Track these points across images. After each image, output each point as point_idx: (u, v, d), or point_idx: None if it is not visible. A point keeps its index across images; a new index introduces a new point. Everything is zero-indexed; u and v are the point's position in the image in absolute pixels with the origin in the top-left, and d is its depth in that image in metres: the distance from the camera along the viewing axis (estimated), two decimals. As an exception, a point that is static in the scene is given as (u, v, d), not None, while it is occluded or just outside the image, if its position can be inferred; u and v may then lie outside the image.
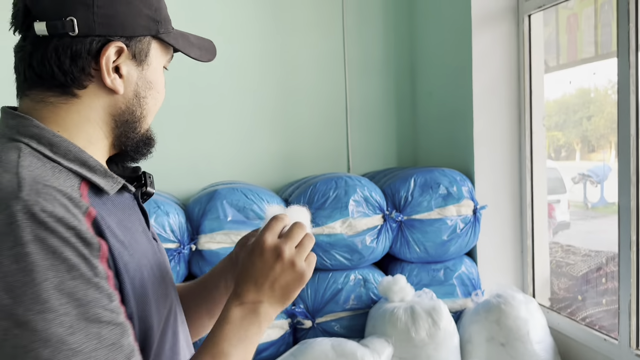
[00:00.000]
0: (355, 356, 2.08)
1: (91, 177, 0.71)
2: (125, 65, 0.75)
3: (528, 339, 2.26)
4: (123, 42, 0.73)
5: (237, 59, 2.95)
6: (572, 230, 8.41)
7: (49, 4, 0.69)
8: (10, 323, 0.55)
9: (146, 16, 0.75)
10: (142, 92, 0.79)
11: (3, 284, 0.56)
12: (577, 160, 14.87)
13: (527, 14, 2.59)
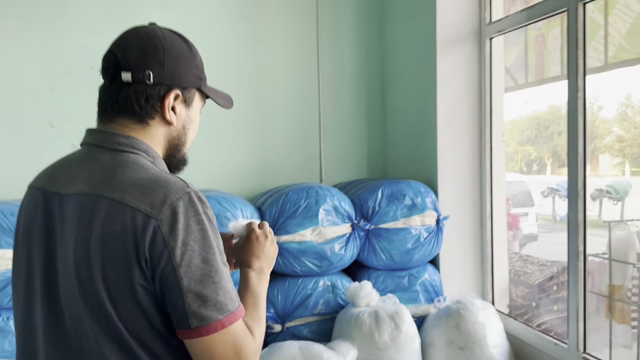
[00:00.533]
0: (322, 358, 2.19)
1: (196, 190, 1.00)
2: (179, 106, 1.07)
3: (485, 343, 2.40)
4: (180, 91, 1.05)
5: (213, 70, 3.04)
6: (539, 242, 8.69)
7: (134, 61, 1.01)
8: (199, 259, 0.89)
9: (194, 74, 1.09)
10: (187, 125, 1.11)
11: (193, 237, 0.89)
12: (548, 175, 15.24)
13: (489, 38, 2.76)
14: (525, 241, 7.98)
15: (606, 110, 12.33)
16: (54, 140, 2.82)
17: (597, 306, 4.27)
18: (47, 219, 0.98)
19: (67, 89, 2.83)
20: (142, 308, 0.88)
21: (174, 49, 1.06)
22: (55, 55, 2.81)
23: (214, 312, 0.88)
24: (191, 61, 1.09)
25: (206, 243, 0.90)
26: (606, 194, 9.31)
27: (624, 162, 12.66)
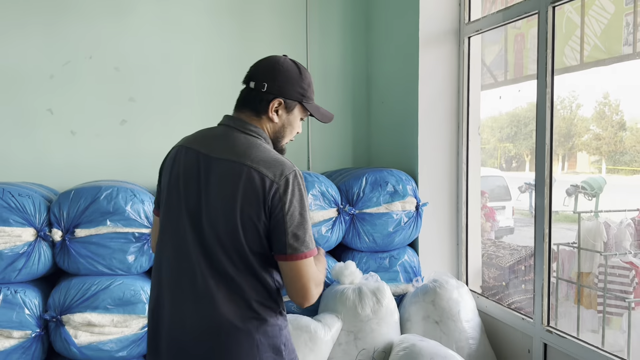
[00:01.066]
0: (309, 329, 2.38)
1: (298, 171, 1.44)
2: (280, 110, 1.50)
3: (459, 317, 2.61)
4: (283, 100, 1.48)
5: (205, 61, 3.21)
6: (515, 235, 8.98)
7: (259, 76, 1.49)
8: (298, 212, 1.35)
9: (298, 92, 1.50)
10: (286, 125, 1.52)
11: (296, 198, 1.35)
12: (527, 171, 15.52)
13: (467, 37, 2.96)
14: (502, 233, 8.25)
15: (584, 109, 12.65)
16: (54, 127, 2.96)
17: (567, 292, 4.51)
18: (200, 171, 1.43)
19: (66, 78, 2.96)
20: (259, 234, 1.37)
21: (287, 72, 1.49)
22: (55, 44, 2.94)
23: (302, 247, 1.36)
24: (298, 82, 1.50)
25: (302, 204, 1.37)
26: (581, 190, 9.63)
27: (600, 159, 12.99)
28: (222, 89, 3.25)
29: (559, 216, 7.73)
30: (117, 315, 2.35)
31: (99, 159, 3.02)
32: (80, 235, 2.36)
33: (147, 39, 3.09)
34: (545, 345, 2.42)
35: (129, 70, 3.06)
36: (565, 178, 11.04)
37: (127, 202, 2.41)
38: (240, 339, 1.37)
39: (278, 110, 1.48)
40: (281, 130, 1.51)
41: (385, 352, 2.49)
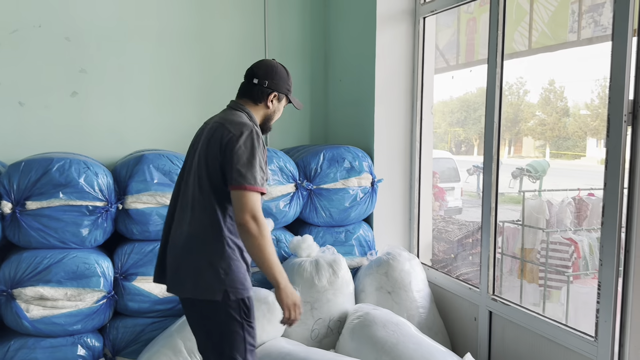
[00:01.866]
0: (267, 300, 2.42)
1: (259, 131, 1.88)
2: (275, 100, 2.00)
3: (410, 288, 2.72)
4: (277, 93, 1.98)
5: (161, 33, 3.14)
6: (463, 215, 9.29)
7: (261, 74, 1.97)
8: (246, 159, 1.76)
9: (285, 88, 2.02)
10: (275, 111, 2.03)
11: (245, 145, 1.77)
12: (475, 155, 15.91)
13: (423, 17, 3.04)
14: (450, 213, 8.52)
15: (531, 95, 13.10)
16: (0, 97, 2.84)
17: (511, 267, 4.75)
18: (201, 135, 1.91)
19: (14, 47, 2.85)
20: (218, 169, 1.79)
21: (280, 73, 2.01)
22: (2, 12, 2.81)
23: (244, 181, 1.73)
24: (286, 81, 2.03)
25: (252, 151, 1.77)
26: (526, 173, 10.05)
27: (545, 144, 13.52)
28: (176, 60, 3.21)
29: (505, 197, 8.05)
30: (71, 289, 2.32)
31: (49, 131, 2.93)
32: (31, 207, 2.31)
33: (100, 8, 3.00)
34: (491, 313, 2.56)
35: (80, 41, 2.97)
36: (511, 162, 11.46)
37: (80, 175, 2.36)
38: (198, 242, 1.82)
39: (273, 101, 2.00)
40: (272, 115, 2.03)
41: (340, 321, 2.57)
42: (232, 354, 1.80)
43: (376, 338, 2.33)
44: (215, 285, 1.77)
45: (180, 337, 2.29)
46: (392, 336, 2.31)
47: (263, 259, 1.74)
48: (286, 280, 1.79)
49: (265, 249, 1.73)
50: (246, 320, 1.81)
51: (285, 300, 1.78)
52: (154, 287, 2.50)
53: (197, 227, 1.82)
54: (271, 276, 1.77)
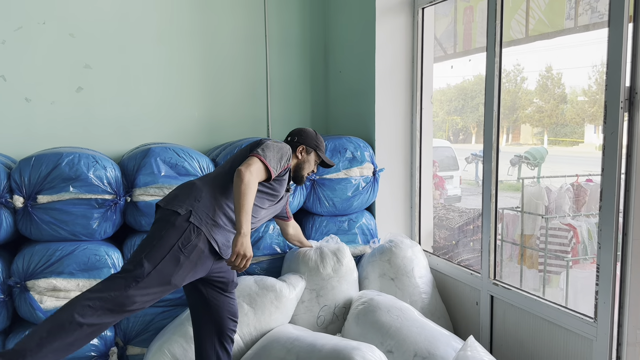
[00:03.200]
0: (275, 288, 2.49)
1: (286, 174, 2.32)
2: (304, 152, 2.38)
3: (412, 274, 2.79)
4: (304, 146, 2.38)
5: (164, 31, 3.18)
6: (462, 203, 9.37)
7: (293, 134, 2.41)
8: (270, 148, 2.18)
9: (314, 144, 2.39)
10: (305, 161, 2.38)
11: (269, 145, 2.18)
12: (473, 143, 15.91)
13: (421, 7, 3.07)
14: (450, 202, 8.59)
15: (528, 82, 13.10)
16: (7, 94, 2.89)
17: (511, 254, 4.82)
18: None
19: (19, 44, 2.89)
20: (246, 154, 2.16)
21: (309, 132, 2.40)
22: (5, 9, 2.84)
23: (261, 153, 2.10)
24: (313, 138, 2.39)
25: (272, 149, 2.14)
26: (524, 160, 10.10)
27: (542, 131, 13.54)
28: (179, 56, 3.25)
29: (503, 185, 8.11)
30: (83, 280, 2.38)
31: (56, 126, 2.98)
32: (42, 201, 2.36)
33: (103, 5, 3.03)
34: (492, 297, 2.63)
35: (84, 37, 3.01)
36: (510, 149, 11.50)
37: (89, 169, 2.42)
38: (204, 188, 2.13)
39: (302, 152, 2.36)
40: (302, 164, 2.37)
41: (345, 307, 2.63)
42: (143, 254, 1.90)
43: (381, 323, 2.39)
44: (187, 204, 2.01)
45: (191, 324, 2.35)
46: (396, 321, 2.37)
47: (239, 203, 1.94)
48: (248, 231, 1.94)
49: (245, 195, 1.94)
50: (181, 246, 1.93)
51: (238, 247, 1.91)
52: (163, 277, 2.55)
53: (211, 183, 2.13)
54: (238, 221, 1.94)
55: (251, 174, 1.99)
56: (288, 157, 2.23)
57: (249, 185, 1.96)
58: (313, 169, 2.41)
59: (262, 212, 2.26)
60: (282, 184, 2.27)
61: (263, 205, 2.23)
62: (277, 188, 2.25)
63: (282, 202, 2.40)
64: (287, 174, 2.29)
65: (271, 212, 2.35)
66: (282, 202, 2.40)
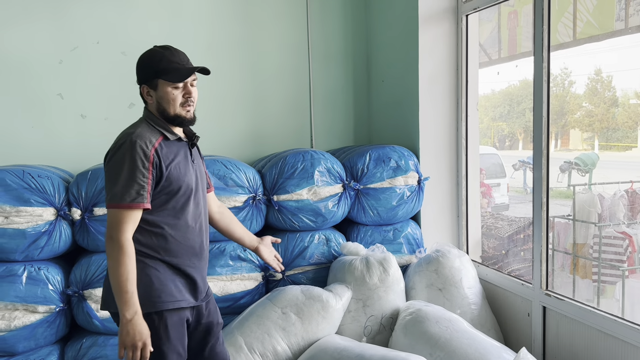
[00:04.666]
0: (321, 298, 2.50)
1: (136, 139, 1.73)
2: (151, 92, 1.82)
3: (461, 284, 2.74)
4: (146, 86, 1.82)
5: (209, 43, 3.28)
6: (510, 212, 9.14)
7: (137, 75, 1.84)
8: (114, 173, 1.69)
9: (152, 70, 1.79)
10: (162, 99, 1.81)
11: (117, 160, 1.71)
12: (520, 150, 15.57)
13: (465, 15, 3.05)
14: (497, 210, 8.40)
15: (577, 86, 12.69)
16: (64, 111, 3.04)
17: (563, 263, 4.66)
18: None
19: (75, 63, 3.03)
20: None
21: (143, 61, 1.84)
22: (63, 30, 3.00)
23: (107, 197, 1.69)
24: (148, 64, 1.81)
25: (120, 164, 1.68)
26: (575, 166, 9.77)
27: (593, 136, 13.08)
28: (226, 70, 3.33)
29: (553, 192, 7.86)
30: (137, 289, 2.46)
31: (109, 141, 3.07)
32: (98, 213, 2.46)
33: (151, 23, 3.15)
34: (544, 308, 2.55)
35: (135, 55, 3.08)
36: (559, 155, 11.16)
37: (142, 181, 2.50)
38: None
39: (148, 94, 1.83)
40: (159, 106, 1.82)
41: (392, 317, 2.62)
42: None
43: (429, 334, 2.36)
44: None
45: (240, 333, 2.39)
46: (446, 332, 2.34)
47: (114, 281, 1.61)
48: (133, 314, 1.60)
49: (117, 269, 1.60)
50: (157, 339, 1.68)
51: (123, 338, 1.59)
52: (213, 286, 2.61)
53: None
54: (118, 305, 1.61)
55: (113, 241, 1.63)
56: (141, 157, 1.67)
57: (119, 253, 1.61)
58: (186, 100, 1.81)
59: (194, 208, 1.83)
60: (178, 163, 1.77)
61: (185, 208, 1.79)
62: (175, 177, 1.75)
63: (197, 163, 1.91)
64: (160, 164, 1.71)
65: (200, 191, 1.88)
66: (197, 163, 1.91)
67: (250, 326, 2.43)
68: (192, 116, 1.86)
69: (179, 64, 1.81)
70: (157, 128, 1.80)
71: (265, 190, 2.79)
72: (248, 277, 2.71)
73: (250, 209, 2.71)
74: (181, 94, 1.81)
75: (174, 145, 1.82)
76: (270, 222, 2.85)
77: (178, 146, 1.84)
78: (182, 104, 1.81)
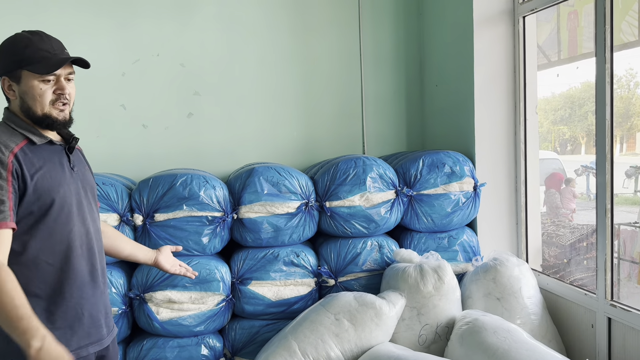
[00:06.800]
0: (375, 305, 2.48)
1: (29, 136, 1.50)
2: (13, 86, 1.51)
3: (520, 294, 2.65)
4: (7, 77, 1.51)
5: (263, 54, 3.35)
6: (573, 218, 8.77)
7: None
8: None
9: (16, 59, 1.48)
10: (25, 95, 1.50)
11: None
12: (583, 154, 15.03)
13: (522, 16, 2.96)
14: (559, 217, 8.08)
15: (643, 87, 12.02)
16: (127, 121, 3.18)
17: (629, 273, 4.43)
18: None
19: (137, 75, 3.17)
20: None
21: (3, 49, 1.52)
22: (125, 44, 3.14)
23: None
24: (10, 53, 1.49)
25: None
26: (642, 171, 9.25)
27: (662, 140, 12.35)
28: (279, 79, 3.39)
29: (618, 199, 7.47)
30: (195, 293, 2.53)
31: (169, 149, 3.22)
32: (159, 219, 2.56)
33: (208, 36, 3.26)
34: (609, 319, 2.43)
35: (193, 66, 3.24)
36: (624, 160, 10.60)
37: (200, 188, 2.58)
38: None
39: (10, 88, 1.51)
40: (23, 103, 1.50)
41: (448, 327, 2.56)
42: None
43: (487, 344, 2.30)
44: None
45: (294, 338, 2.42)
46: (504, 342, 2.27)
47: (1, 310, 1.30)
48: (42, 340, 1.28)
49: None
50: None
51: None
52: (267, 291, 2.66)
53: None
54: (17, 339, 1.29)
55: None
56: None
57: None
58: (58, 96, 1.50)
59: (78, 226, 1.54)
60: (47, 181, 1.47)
61: (65, 226, 1.50)
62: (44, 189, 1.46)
63: (79, 171, 1.62)
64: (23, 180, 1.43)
65: (86, 204, 1.58)
66: (79, 171, 1.62)
67: (304, 331, 2.44)
68: (66, 117, 1.54)
69: (49, 52, 1.48)
70: (19, 131, 1.49)
71: (318, 197, 2.81)
72: (301, 283, 2.73)
73: (303, 215, 2.74)
74: (51, 89, 1.49)
75: (44, 151, 1.51)
76: (323, 229, 2.86)
77: (49, 151, 1.53)
78: (53, 102, 1.50)
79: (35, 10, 2.97)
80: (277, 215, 2.68)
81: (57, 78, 1.50)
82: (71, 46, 1.64)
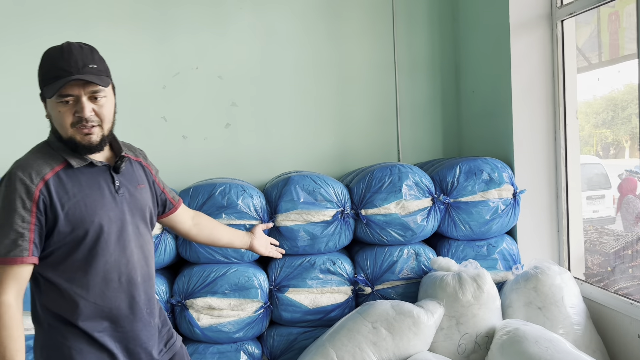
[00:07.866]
0: (412, 313, 2.47)
1: (68, 158, 1.42)
2: (47, 106, 1.44)
3: (562, 303, 2.59)
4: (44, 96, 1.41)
5: (298, 63, 3.40)
6: (617, 225, 8.45)
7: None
8: None
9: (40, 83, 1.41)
10: (50, 118, 1.45)
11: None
12: (627, 158, 14.48)
13: (560, 20, 2.91)
14: (602, 224, 7.82)
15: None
16: (168, 133, 3.27)
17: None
18: None
19: (177, 88, 3.27)
20: None
21: (40, 68, 1.43)
22: (166, 58, 3.25)
23: None
24: (40, 74, 1.42)
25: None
26: (692, 175, 8.87)
27: None
28: (315, 89, 3.43)
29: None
30: (234, 299, 2.58)
31: (208, 159, 3.30)
32: (198, 227, 2.62)
33: (245, 47, 3.33)
34: (659, 331, 2.34)
35: (230, 78, 3.32)
36: (674, 164, 10.17)
37: (238, 197, 2.64)
38: None
39: (47, 108, 1.43)
40: (53, 124, 1.43)
41: (488, 336, 2.52)
42: None
43: (528, 354, 2.25)
44: None
45: (332, 345, 2.43)
46: (546, 352, 2.22)
47: None
48: None
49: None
50: None
51: None
52: (304, 299, 2.68)
53: None
54: None
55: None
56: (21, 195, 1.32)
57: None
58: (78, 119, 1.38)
59: (117, 255, 1.46)
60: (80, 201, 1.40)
61: (99, 257, 1.42)
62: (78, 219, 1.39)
63: (125, 192, 1.50)
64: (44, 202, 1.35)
65: (131, 229, 1.50)
66: (125, 192, 1.50)
67: (342, 339, 2.45)
68: (91, 141, 1.40)
69: (65, 70, 1.34)
70: (59, 152, 1.40)
71: (353, 205, 2.82)
72: (338, 291, 2.74)
73: (339, 223, 2.75)
74: (71, 111, 1.37)
75: (82, 175, 1.42)
76: (359, 236, 2.87)
77: (89, 175, 1.43)
78: (73, 124, 1.38)
79: (83, 27, 3.09)
80: (313, 223, 2.71)
81: (77, 98, 1.36)
82: (115, 62, 1.70)
